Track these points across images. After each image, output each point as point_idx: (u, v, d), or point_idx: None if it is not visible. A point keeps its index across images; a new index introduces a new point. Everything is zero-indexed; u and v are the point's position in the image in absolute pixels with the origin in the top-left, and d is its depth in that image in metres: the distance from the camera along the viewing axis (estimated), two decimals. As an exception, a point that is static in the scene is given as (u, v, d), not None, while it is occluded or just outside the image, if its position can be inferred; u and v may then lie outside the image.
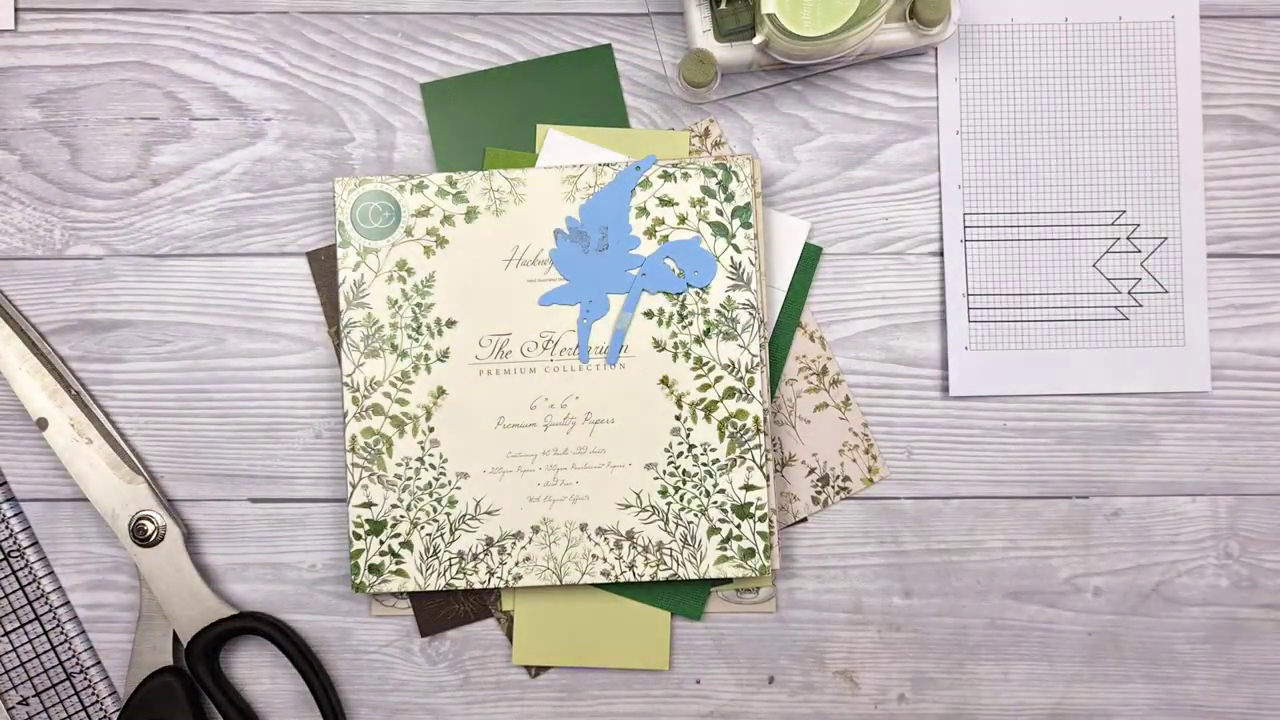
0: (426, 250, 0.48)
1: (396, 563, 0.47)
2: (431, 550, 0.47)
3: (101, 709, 0.49)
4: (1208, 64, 0.51)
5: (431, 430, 0.48)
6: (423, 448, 0.48)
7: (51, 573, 0.50)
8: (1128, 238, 0.51)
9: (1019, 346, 0.50)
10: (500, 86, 0.50)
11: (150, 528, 0.48)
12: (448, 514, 0.47)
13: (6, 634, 0.49)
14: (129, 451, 0.49)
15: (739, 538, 0.47)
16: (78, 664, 0.49)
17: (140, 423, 0.50)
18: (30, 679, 0.49)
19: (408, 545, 0.47)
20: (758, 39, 0.47)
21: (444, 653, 0.50)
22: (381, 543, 0.47)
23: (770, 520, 0.47)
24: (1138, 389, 0.51)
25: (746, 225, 0.47)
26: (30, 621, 0.49)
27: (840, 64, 0.49)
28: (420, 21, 0.50)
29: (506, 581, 0.47)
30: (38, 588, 0.49)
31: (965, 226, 0.50)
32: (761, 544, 0.47)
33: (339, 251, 0.48)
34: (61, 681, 0.49)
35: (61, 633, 0.49)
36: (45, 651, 0.49)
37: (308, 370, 0.50)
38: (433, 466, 0.48)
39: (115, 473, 0.48)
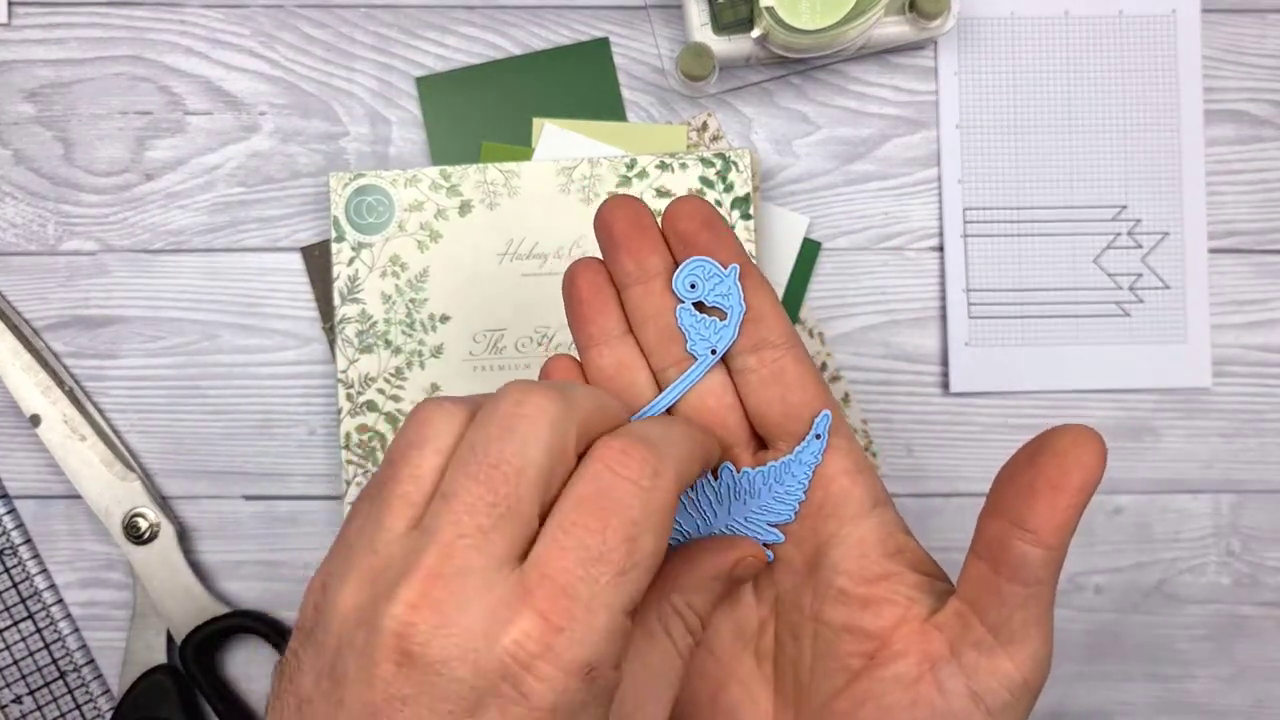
0: (420, 245, 0.47)
1: (391, 560, 0.47)
2: (427, 548, 0.47)
3: (94, 707, 0.49)
4: (1209, 58, 0.51)
5: (426, 427, 0.47)
6: (418, 444, 0.47)
7: (44, 570, 0.49)
8: (1129, 233, 0.50)
9: (1020, 343, 0.50)
10: (496, 80, 0.50)
11: (144, 525, 0.48)
12: (443, 511, 0.47)
13: (-1, 632, 0.49)
14: (122, 448, 0.49)
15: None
16: (70, 662, 0.49)
17: (134, 419, 0.50)
18: (23, 677, 0.49)
19: (403, 542, 0.47)
20: (756, 32, 0.46)
21: (440, 651, 0.50)
22: (376, 540, 0.47)
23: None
24: (1139, 385, 0.50)
25: (746, 216, 0.47)
26: (23, 619, 0.49)
27: (839, 57, 0.49)
28: (416, 15, 0.50)
29: (502, 579, 0.47)
30: (30, 585, 0.49)
31: (965, 221, 0.50)
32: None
33: (333, 247, 0.47)
34: (54, 680, 0.49)
35: (54, 631, 0.49)
36: (38, 650, 0.49)
37: (302, 366, 0.50)
38: (428, 463, 0.47)
39: (108, 470, 0.48)
